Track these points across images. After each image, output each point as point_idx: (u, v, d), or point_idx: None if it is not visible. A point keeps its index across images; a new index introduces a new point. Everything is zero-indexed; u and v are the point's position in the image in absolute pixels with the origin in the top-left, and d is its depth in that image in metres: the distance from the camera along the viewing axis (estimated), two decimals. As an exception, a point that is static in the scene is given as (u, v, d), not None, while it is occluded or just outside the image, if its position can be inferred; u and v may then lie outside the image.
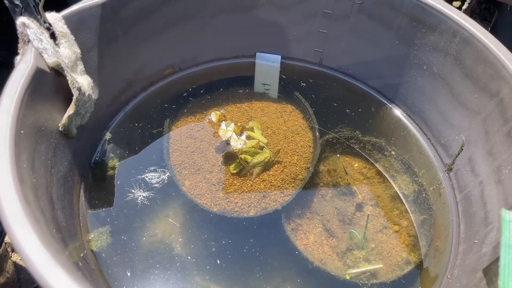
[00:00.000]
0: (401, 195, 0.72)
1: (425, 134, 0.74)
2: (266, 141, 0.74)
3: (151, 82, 0.76)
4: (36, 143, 0.49)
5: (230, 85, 0.83)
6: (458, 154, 0.66)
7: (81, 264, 0.49)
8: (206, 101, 0.80)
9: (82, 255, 0.54)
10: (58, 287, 0.35)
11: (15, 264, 0.88)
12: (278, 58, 0.82)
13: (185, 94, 0.79)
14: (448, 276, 0.60)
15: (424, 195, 0.71)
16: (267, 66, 0.82)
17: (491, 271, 0.46)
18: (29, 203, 0.41)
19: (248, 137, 0.73)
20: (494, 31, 0.60)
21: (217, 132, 0.74)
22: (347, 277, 0.62)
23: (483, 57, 0.59)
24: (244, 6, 0.74)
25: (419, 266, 0.63)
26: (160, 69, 0.76)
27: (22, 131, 0.46)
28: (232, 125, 0.72)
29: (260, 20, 0.76)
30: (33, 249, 0.36)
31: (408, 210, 0.71)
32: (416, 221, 0.69)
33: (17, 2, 0.52)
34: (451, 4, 1.29)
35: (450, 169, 0.69)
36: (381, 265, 0.64)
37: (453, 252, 0.62)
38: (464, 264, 0.57)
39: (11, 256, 0.89)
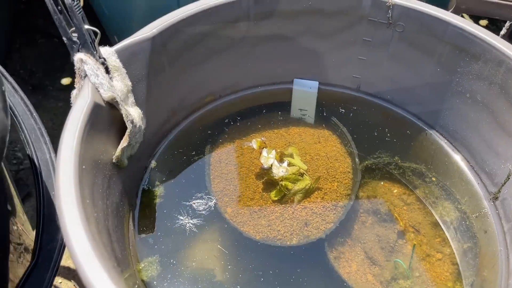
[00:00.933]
0: (442, 222, 0.71)
1: (467, 161, 0.73)
2: (306, 167, 0.75)
3: (193, 110, 0.77)
4: (94, 176, 0.51)
5: (267, 110, 0.83)
6: (504, 183, 0.66)
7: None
8: (244, 127, 0.81)
9: (136, 287, 0.54)
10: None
11: (54, 287, 0.89)
12: (315, 84, 0.83)
13: (226, 121, 0.81)
14: (498, 309, 0.59)
15: (467, 222, 0.70)
16: (305, 92, 0.83)
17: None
18: (95, 240, 0.42)
19: (289, 164, 0.73)
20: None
21: (258, 159, 0.75)
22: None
23: (531, 87, 0.59)
24: (284, 35, 0.75)
25: (467, 297, 0.63)
26: (202, 97, 0.77)
27: (83, 166, 0.47)
28: (273, 152, 0.73)
29: (299, 48, 0.77)
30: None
31: (450, 237, 0.70)
32: (460, 249, 0.68)
33: (75, 39, 0.54)
34: (477, 23, 1.29)
35: (495, 198, 0.68)
36: (428, 296, 0.63)
37: (503, 284, 0.61)
38: (518, 298, 0.56)
39: (51, 280, 0.90)
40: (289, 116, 0.84)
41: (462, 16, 0.68)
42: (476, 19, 1.48)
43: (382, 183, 0.76)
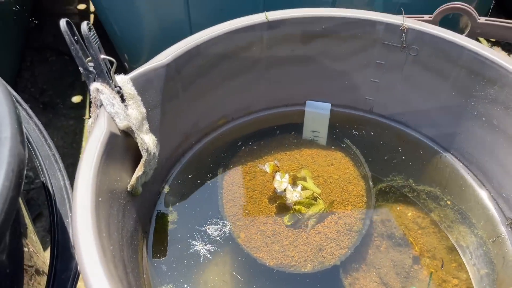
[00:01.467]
0: (458, 247, 0.70)
1: (484, 185, 0.73)
2: (320, 191, 0.74)
3: (206, 133, 0.77)
4: (110, 207, 0.50)
5: (280, 132, 0.83)
6: (523, 209, 0.65)
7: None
8: (256, 149, 0.81)
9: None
10: None
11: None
12: (328, 106, 0.82)
13: (238, 143, 0.80)
14: None
15: (484, 248, 0.69)
16: (317, 114, 0.83)
17: None
18: (112, 275, 0.41)
19: (302, 188, 0.73)
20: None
21: (270, 182, 0.74)
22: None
23: (549, 113, 0.58)
24: (297, 58, 0.75)
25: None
26: (214, 120, 0.77)
27: (100, 199, 0.47)
28: (287, 176, 0.72)
29: (312, 71, 0.77)
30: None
31: (467, 262, 0.69)
32: (476, 275, 0.67)
33: (91, 69, 0.54)
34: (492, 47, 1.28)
35: (514, 224, 0.67)
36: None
37: (524, 314, 0.60)
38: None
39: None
40: (301, 138, 0.84)
41: (478, 40, 0.67)
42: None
43: (396, 206, 0.75)
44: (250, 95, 0.78)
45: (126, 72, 0.58)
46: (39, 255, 0.64)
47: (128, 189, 0.57)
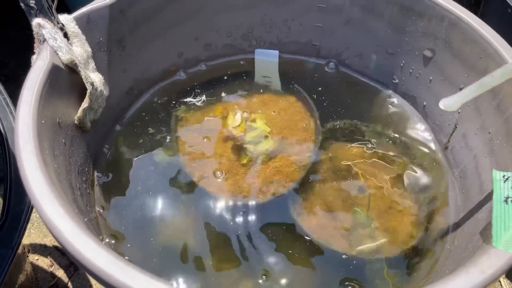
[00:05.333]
0: (400, 176, 0.75)
1: (421, 116, 0.77)
2: (269, 129, 0.78)
3: (158, 80, 0.80)
4: (55, 133, 0.53)
5: (231, 80, 0.86)
6: (453, 132, 0.70)
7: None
8: (210, 97, 0.84)
9: (101, 238, 0.57)
10: (87, 253, 0.38)
11: (32, 264, 0.91)
12: (276, 53, 0.86)
13: (191, 91, 0.83)
14: (449, 247, 0.63)
15: (424, 174, 0.74)
16: (266, 61, 0.86)
17: (487, 231, 0.49)
18: (54, 183, 0.44)
19: (253, 128, 0.76)
20: (482, 19, 0.64)
21: (223, 123, 0.78)
22: (353, 253, 0.65)
23: (470, 38, 0.63)
24: (243, 4, 0.77)
25: (423, 239, 0.66)
26: (165, 67, 0.80)
27: (43, 121, 0.49)
28: (238, 114, 0.76)
29: (258, 17, 0.80)
30: (60, 219, 0.39)
31: (409, 190, 0.74)
32: (418, 199, 0.72)
33: (32, 5, 0.56)
34: None
35: (446, 147, 0.72)
36: (385, 239, 0.66)
37: (452, 223, 0.65)
38: (463, 231, 0.60)
39: (28, 256, 0.92)
40: (253, 85, 0.87)
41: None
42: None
43: (342, 144, 0.79)
44: (200, 43, 0.81)
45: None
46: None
47: (76, 122, 0.59)
